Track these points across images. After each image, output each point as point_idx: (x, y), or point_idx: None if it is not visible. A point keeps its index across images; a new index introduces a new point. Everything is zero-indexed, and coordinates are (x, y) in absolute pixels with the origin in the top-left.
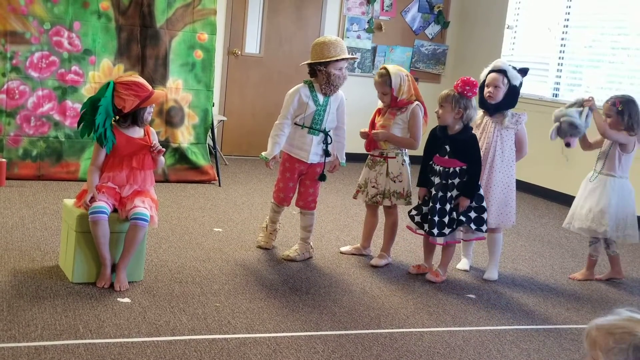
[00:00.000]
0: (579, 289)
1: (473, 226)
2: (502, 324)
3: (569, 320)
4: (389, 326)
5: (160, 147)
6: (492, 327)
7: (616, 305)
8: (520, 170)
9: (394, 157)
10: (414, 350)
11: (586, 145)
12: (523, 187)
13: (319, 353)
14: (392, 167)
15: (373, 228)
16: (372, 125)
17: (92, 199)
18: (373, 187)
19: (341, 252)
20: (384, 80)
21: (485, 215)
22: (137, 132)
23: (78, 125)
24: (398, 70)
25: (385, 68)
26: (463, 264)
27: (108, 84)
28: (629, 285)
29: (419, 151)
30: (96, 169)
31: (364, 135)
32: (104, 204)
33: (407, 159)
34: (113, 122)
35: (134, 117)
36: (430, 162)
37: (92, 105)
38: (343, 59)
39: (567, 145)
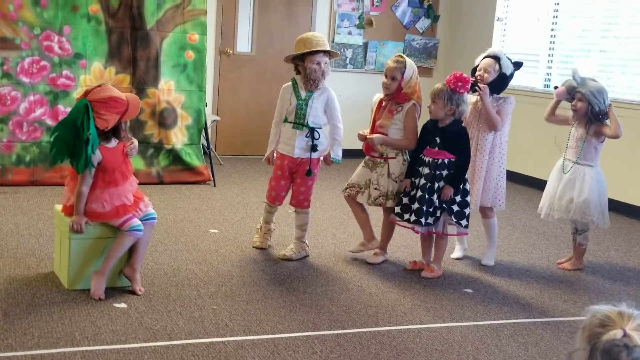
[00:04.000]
0: (576, 280)
1: (453, 218)
2: (499, 318)
3: (567, 313)
4: (386, 324)
5: (133, 143)
6: (489, 322)
7: (613, 296)
8: (513, 162)
9: (394, 158)
10: (412, 347)
11: (550, 115)
12: (517, 178)
13: (317, 353)
14: (393, 168)
15: (368, 219)
16: (374, 122)
17: (80, 228)
18: (375, 189)
19: (351, 252)
20: (399, 67)
21: (467, 211)
22: (112, 142)
23: (50, 150)
24: (413, 64)
25: (402, 56)
26: (456, 252)
27: (83, 105)
28: (626, 276)
29: None
30: (87, 190)
31: (361, 137)
32: (140, 222)
33: (407, 157)
34: None
35: (115, 131)
36: (421, 155)
37: (65, 129)
38: (316, 52)
39: (555, 88)
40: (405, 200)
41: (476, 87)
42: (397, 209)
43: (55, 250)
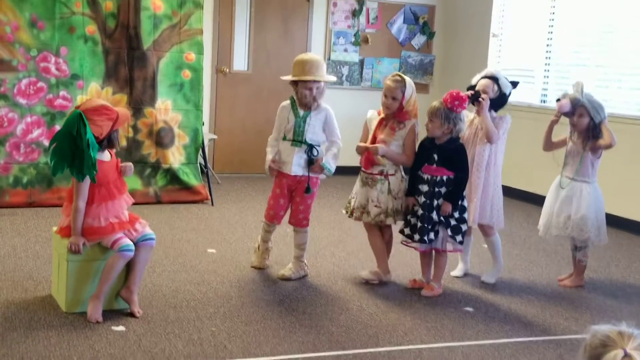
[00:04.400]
0: (577, 297)
1: (449, 232)
2: (501, 337)
3: (568, 330)
4: (387, 344)
5: (129, 164)
6: (491, 341)
7: (615, 314)
8: (511, 177)
9: (394, 174)
10: None
11: (548, 144)
12: (515, 194)
13: None
14: (394, 185)
15: (385, 250)
16: (373, 139)
17: (78, 249)
18: (376, 206)
19: (362, 277)
20: (399, 86)
21: (464, 227)
22: (106, 156)
23: (50, 161)
24: (411, 81)
25: (400, 75)
26: (457, 270)
27: (77, 115)
28: (627, 292)
29: None
30: (83, 206)
31: (361, 149)
32: (130, 242)
33: (404, 174)
34: None
35: (109, 141)
36: (419, 172)
37: (62, 139)
38: (307, 81)
39: (557, 100)
40: (413, 221)
41: (480, 99)
42: (407, 231)
43: (52, 272)
